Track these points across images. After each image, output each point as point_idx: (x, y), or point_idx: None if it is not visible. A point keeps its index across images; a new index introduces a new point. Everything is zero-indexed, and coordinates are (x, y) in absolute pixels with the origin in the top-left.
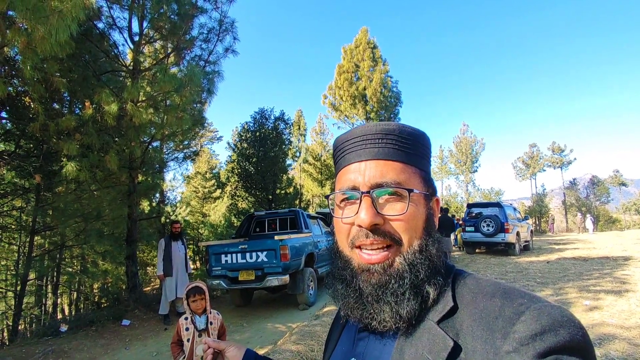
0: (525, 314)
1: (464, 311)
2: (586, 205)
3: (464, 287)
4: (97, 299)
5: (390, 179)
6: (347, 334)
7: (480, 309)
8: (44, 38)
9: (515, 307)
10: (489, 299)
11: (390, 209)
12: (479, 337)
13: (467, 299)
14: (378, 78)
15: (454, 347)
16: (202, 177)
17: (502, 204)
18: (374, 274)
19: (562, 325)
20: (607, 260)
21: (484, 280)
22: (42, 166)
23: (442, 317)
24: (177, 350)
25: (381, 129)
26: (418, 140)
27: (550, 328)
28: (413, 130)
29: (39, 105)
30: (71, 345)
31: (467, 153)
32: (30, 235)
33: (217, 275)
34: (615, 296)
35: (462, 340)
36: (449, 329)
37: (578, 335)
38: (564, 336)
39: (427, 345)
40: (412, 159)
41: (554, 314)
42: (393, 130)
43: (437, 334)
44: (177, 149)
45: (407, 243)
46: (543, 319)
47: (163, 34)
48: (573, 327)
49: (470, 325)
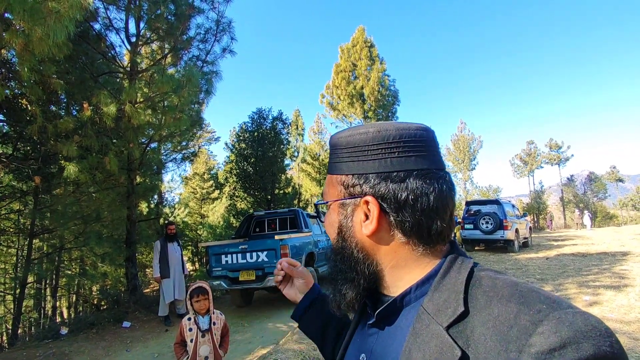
0: (544, 323)
1: (477, 317)
2: (584, 201)
3: (479, 289)
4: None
5: (323, 193)
6: (360, 329)
7: (495, 315)
8: (41, 39)
9: (532, 315)
10: (505, 303)
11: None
12: (492, 349)
13: (481, 302)
14: (375, 77)
15: (462, 357)
16: (200, 178)
17: (501, 201)
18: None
19: (585, 337)
20: (605, 256)
21: (502, 280)
22: (40, 168)
23: (452, 322)
24: (180, 350)
25: (330, 142)
26: (349, 143)
27: (572, 341)
28: (341, 135)
29: (36, 108)
30: (72, 348)
31: (465, 151)
32: (29, 238)
33: (218, 275)
34: (614, 291)
35: (472, 350)
36: (458, 336)
37: (604, 346)
38: (587, 350)
39: (435, 353)
40: (336, 167)
41: (576, 323)
42: (331, 144)
43: (445, 342)
44: (175, 150)
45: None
46: (563, 331)
47: (160, 35)
48: (599, 337)
49: (482, 334)
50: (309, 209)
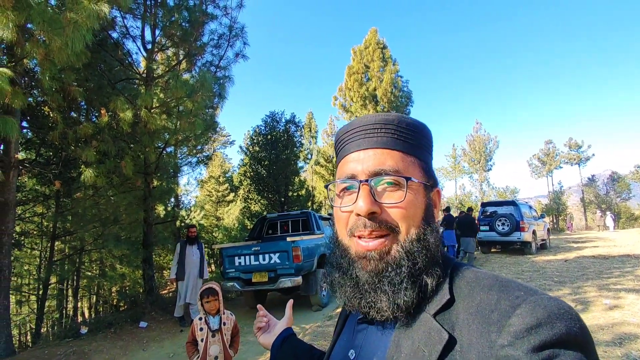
0: (521, 306)
1: (461, 304)
2: (606, 202)
3: (462, 280)
4: (116, 302)
5: (388, 166)
6: (349, 325)
7: (477, 302)
8: (61, 49)
9: (511, 300)
10: (486, 292)
11: (388, 197)
12: (475, 331)
13: (464, 291)
14: (388, 78)
15: (449, 340)
16: (215, 181)
17: (518, 202)
18: (371, 261)
19: (558, 317)
20: (628, 259)
21: (483, 273)
22: (61, 173)
23: (438, 310)
24: (192, 349)
25: (380, 119)
26: (418, 131)
27: (546, 321)
28: (413, 120)
29: (57, 114)
30: (91, 346)
31: (481, 151)
32: (51, 241)
33: (231, 277)
34: (636, 295)
35: (458, 333)
36: (445, 321)
37: (575, 327)
38: (560, 329)
39: (423, 338)
40: (411, 148)
41: (550, 306)
42: (392, 120)
43: (432, 327)
44: (190, 153)
45: (404, 231)
46: (539, 312)
47: (175, 42)
48: (570, 319)
49: (466, 319)
50: (322, 211)
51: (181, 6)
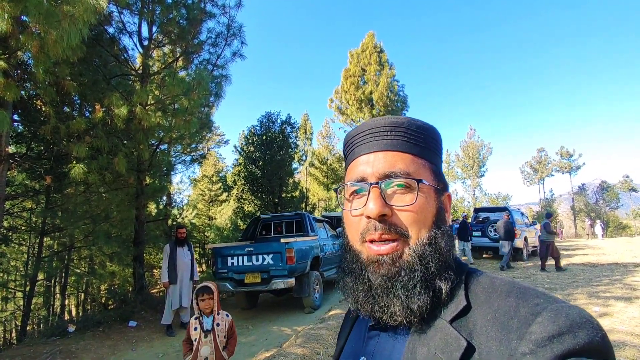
0: (542, 314)
1: (478, 310)
2: (595, 210)
3: (478, 286)
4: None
5: (399, 169)
6: (357, 331)
7: (495, 308)
8: (56, 42)
9: (531, 307)
10: (504, 298)
11: (399, 200)
12: (494, 338)
13: (481, 298)
14: (384, 82)
15: (467, 347)
16: (208, 180)
17: (510, 208)
18: (383, 265)
19: (580, 326)
20: (617, 267)
21: (499, 279)
22: (52, 168)
23: (455, 316)
24: (187, 348)
25: (390, 121)
26: (428, 134)
27: (568, 330)
28: (423, 123)
29: (50, 108)
30: (78, 345)
31: (474, 157)
32: (40, 237)
33: (223, 277)
34: (625, 303)
35: (476, 341)
36: (462, 328)
37: (597, 337)
38: (583, 338)
39: (440, 345)
40: (422, 151)
41: (572, 314)
42: (402, 123)
43: (449, 334)
44: (184, 152)
45: (415, 235)
46: (560, 320)
47: (172, 39)
48: (592, 328)
49: (484, 325)
50: (316, 212)
51: (179, 3)
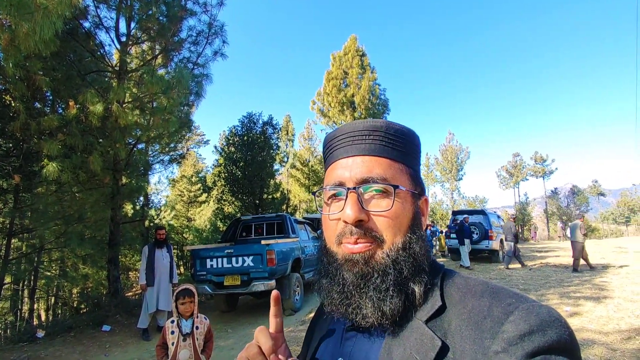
0: (514, 313)
1: (452, 310)
2: (567, 214)
3: (453, 287)
4: (76, 304)
5: (376, 174)
6: (336, 333)
7: (469, 308)
8: (27, 35)
9: (503, 307)
10: (478, 298)
11: (375, 205)
12: (467, 337)
13: (456, 298)
14: (366, 85)
15: (442, 346)
16: (187, 181)
17: (487, 211)
18: (357, 264)
19: (549, 325)
20: (586, 268)
21: (473, 280)
22: (21, 166)
23: (430, 317)
24: (161, 353)
25: (369, 125)
26: (406, 138)
27: (539, 328)
28: (401, 127)
29: (20, 104)
30: (47, 351)
31: (453, 161)
32: (7, 238)
33: (202, 280)
34: (594, 302)
35: (450, 340)
36: (437, 328)
37: (565, 334)
38: (552, 336)
39: (415, 345)
40: (400, 155)
41: (542, 313)
42: (380, 127)
43: (425, 334)
44: (162, 151)
45: (390, 240)
46: (531, 319)
47: (151, 35)
48: (560, 327)
49: (458, 325)
50: (298, 214)
51: (159, 0)
